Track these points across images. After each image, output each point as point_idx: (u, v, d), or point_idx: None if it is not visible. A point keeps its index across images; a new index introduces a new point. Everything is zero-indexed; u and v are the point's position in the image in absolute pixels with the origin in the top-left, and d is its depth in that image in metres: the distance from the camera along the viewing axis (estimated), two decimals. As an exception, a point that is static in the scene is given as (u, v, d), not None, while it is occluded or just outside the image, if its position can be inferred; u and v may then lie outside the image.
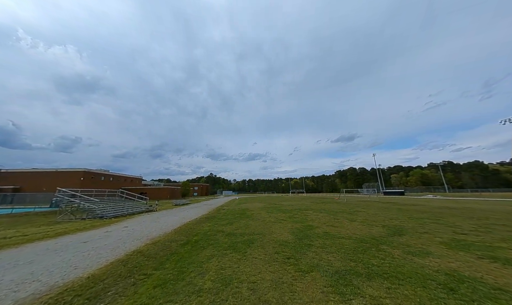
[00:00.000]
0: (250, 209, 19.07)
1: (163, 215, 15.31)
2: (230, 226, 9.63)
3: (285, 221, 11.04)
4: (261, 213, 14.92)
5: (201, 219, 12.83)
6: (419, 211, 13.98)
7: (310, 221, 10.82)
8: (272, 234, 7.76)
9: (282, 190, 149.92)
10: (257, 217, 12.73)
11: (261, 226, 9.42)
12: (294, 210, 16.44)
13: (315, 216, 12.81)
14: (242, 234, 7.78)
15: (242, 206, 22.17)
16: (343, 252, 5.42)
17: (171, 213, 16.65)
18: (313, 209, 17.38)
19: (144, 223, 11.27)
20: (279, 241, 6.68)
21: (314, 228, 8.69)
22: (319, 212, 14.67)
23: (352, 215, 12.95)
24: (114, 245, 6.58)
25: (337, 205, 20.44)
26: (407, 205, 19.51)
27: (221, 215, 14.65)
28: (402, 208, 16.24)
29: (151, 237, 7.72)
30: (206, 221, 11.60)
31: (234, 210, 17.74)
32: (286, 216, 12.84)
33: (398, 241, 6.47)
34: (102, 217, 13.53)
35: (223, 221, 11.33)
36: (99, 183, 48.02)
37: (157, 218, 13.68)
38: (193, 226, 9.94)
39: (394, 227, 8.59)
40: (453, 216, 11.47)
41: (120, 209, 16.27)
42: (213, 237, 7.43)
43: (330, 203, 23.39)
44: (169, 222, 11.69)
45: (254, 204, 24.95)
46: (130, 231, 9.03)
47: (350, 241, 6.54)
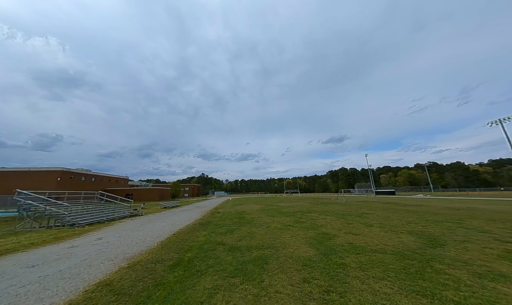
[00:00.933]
0: (247, 211, 17.45)
1: (149, 221, 13.26)
2: (231, 236, 7.97)
3: (293, 227, 9.57)
4: (261, 217, 13.37)
5: (194, 225, 11.02)
6: (430, 213, 13.14)
7: (322, 227, 9.43)
8: (287, 247, 6.23)
9: (275, 190, 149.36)
10: (259, 222, 11.15)
11: (268, 236, 7.86)
12: (296, 213, 15.07)
13: (324, 220, 11.48)
14: (249, 248, 6.17)
15: (238, 209, 20.49)
16: (393, 276, 4.01)
17: (158, 218, 14.61)
18: (316, 211, 16.12)
19: (124, 233, 9.28)
20: (299, 258, 5.16)
21: (333, 237, 7.28)
22: (325, 215, 13.39)
23: (363, 218, 11.78)
24: (74, 272, 4.70)
25: (340, 207, 19.38)
26: (409, 205, 18.87)
27: (217, 220, 12.91)
28: (409, 210, 15.42)
29: (129, 255, 5.88)
30: (200, 229, 9.83)
31: (230, 214, 16.03)
32: (292, 221, 11.39)
33: (446, 255, 5.20)
34: (73, 224, 11.28)
35: (221, 228, 9.63)
36: (79, 184, 44.07)
37: (141, 225, 11.66)
38: (185, 236, 8.16)
39: (423, 235, 7.40)
40: (473, 218, 10.63)
41: (98, 214, 13.97)
42: (212, 254, 5.76)
43: (330, 205, 22.35)
44: (156, 230, 9.78)
45: (251, 206, 23.34)
46: (104, 245, 7.08)
47: (389, 256, 5.17)
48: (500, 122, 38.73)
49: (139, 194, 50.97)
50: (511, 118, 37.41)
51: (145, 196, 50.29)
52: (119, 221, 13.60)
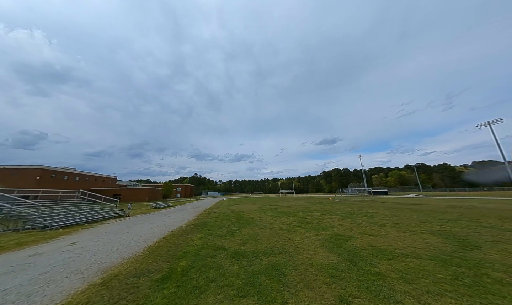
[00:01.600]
0: (245, 211, 16.35)
1: (136, 222, 11.84)
2: (232, 239, 6.87)
3: (300, 227, 8.60)
4: (262, 217, 12.33)
5: (188, 226, 9.80)
6: (436, 212, 12.66)
7: (331, 227, 8.54)
8: (301, 251, 5.23)
9: (269, 191, 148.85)
10: (260, 223, 10.10)
11: (275, 238, 6.83)
12: (298, 212, 14.16)
13: (330, 219, 10.62)
14: (256, 254, 5.11)
15: (235, 208, 19.33)
16: (452, 291, 3.11)
17: (147, 219, 13.18)
18: (318, 210, 15.31)
19: (104, 236, 7.91)
20: (322, 267, 4.18)
21: (349, 239, 6.37)
22: (329, 214, 12.57)
23: (370, 217, 11.05)
24: (23, 292, 3.44)
25: (340, 206, 18.73)
26: (409, 204, 18.54)
27: (213, 220, 11.72)
28: (412, 208, 14.95)
29: (106, 265, 4.64)
30: (195, 230, 8.64)
31: (227, 214, 14.86)
32: (296, 221, 10.44)
33: (491, 259, 4.41)
34: (45, 227, 9.71)
35: (220, 230, 8.49)
36: (62, 183, 41.06)
37: (126, 227, 10.26)
38: (178, 240, 6.96)
39: (447, 235, 6.66)
40: (485, 216, 10.15)
41: (77, 216, 12.35)
42: (212, 262, 4.65)
43: (330, 204, 21.69)
44: (143, 233, 8.48)
45: (247, 206, 22.24)
46: (76, 252, 5.76)
47: (428, 262, 4.30)
48: (488, 124, 40.21)
49: (127, 194, 48.35)
50: (499, 120, 38.94)
51: (134, 197, 47.78)
52: (102, 222, 12.07)
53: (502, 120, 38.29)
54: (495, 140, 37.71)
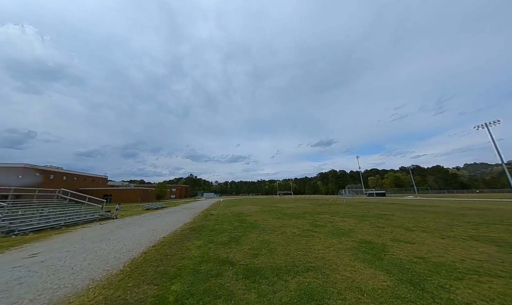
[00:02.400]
0: (246, 213, 15.00)
1: (123, 225, 10.29)
2: (238, 248, 5.53)
3: (316, 232, 7.36)
4: (266, 219, 11.02)
5: (183, 231, 8.37)
6: (456, 214, 11.72)
7: (352, 232, 7.33)
8: (335, 267, 3.96)
9: (266, 192, 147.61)
10: (267, 226, 8.79)
11: (292, 246, 5.55)
12: (304, 215, 12.94)
13: (344, 222, 9.43)
14: (276, 271, 3.80)
15: (234, 210, 17.93)
16: None
17: (137, 222, 11.63)
18: (325, 212, 14.15)
19: (78, 245, 6.40)
20: (378, 294, 2.92)
21: (385, 248, 5.16)
22: (341, 217, 11.40)
23: (389, 220, 9.94)
24: None
25: (346, 207, 17.65)
26: (419, 206, 17.68)
27: (212, 223, 10.33)
28: (426, 210, 14.01)
29: (63, 293, 3.21)
30: (192, 236, 7.24)
31: (226, 216, 13.47)
32: (307, 224, 9.19)
33: None
34: (11, 231, 8.07)
35: (222, 235, 7.12)
36: (47, 182, 38.50)
37: (110, 231, 8.72)
38: (171, 250, 5.56)
39: (495, 241, 5.57)
40: None
41: (54, 218, 10.68)
42: (218, 285, 3.32)
43: (334, 205, 20.61)
44: (129, 240, 7.01)
45: (247, 207, 20.88)
46: (31, 270, 4.27)
47: None
48: (486, 126, 40.47)
49: (119, 195, 46.00)
50: (496, 122, 39.24)
51: (126, 197, 45.48)
52: (83, 226, 10.45)
53: (499, 122, 38.56)
54: (492, 141, 37.88)
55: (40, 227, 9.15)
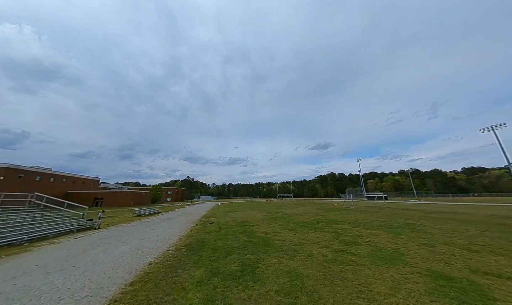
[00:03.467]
0: (250, 221, 13.12)
1: (102, 241, 8.28)
2: (257, 289, 3.67)
3: (353, 255, 5.56)
4: (278, 231, 9.16)
5: (177, 251, 6.45)
6: (494, 224, 10.10)
7: (402, 255, 5.56)
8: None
9: (264, 195, 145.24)
10: (283, 243, 6.94)
11: (339, 286, 3.72)
12: (319, 224, 11.15)
13: (377, 237, 7.66)
14: None
15: (236, 217, 16.00)
16: None
17: (121, 235, 9.62)
18: (341, 220, 12.38)
19: (21, 280, 4.44)
20: None
21: (483, 291, 3.41)
22: (366, 228, 9.64)
23: (425, 233, 8.22)
24: None
25: (361, 214, 15.94)
26: (440, 213, 16.11)
27: (213, 237, 8.41)
28: (453, 218, 12.40)
29: None
30: (189, 261, 5.35)
31: (229, 225, 11.55)
32: (332, 239, 7.39)
33: None
34: None
35: (228, 261, 5.25)
36: (32, 185, 35.81)
37: (82, 251, 6.72)
38: (157, 292, 3.68)
39: None
40: None
41: (16, 230, 8.58)
42: None
43: (345, 211, 18.87)
44: (99, 268, 5.06)
45: (249, 213, 18.95)
46: None
47: None
48: (492, 129, 39.71)
49: (110, 198, 43.44)
50: (502, 125, 38.50)
51: (118, 201, 42.92)
52: (52, 241, 8.40)
53: (505, 125, 37.82)
54: (498, 144, 36.99)
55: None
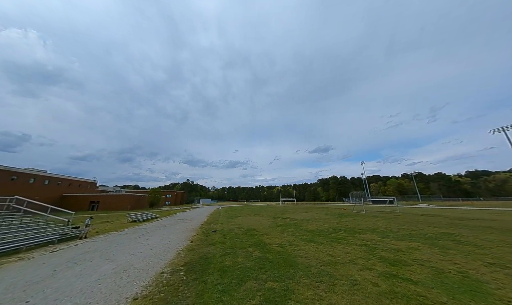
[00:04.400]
0: (258, 229, 11.58)
1: (82, 257, 6.77)
2: None
3: (408, 281, 4.07)
4: (296, 244, 7.64)
5: (174, 274, 4.94)
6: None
7: (483, 285, 4.07)
8: None
9: (264, 198, 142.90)
10: (308, 261, 5.44)
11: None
12: (339, 233, 9.62)
13: (421, 252, 6.16)
14: None
15: (240, 223, 14.44)
16: None
17: (108, 248, 8.10)
18: (363, 229, 10.85)
19: None
20: None
21: None
22: (397, 238, 8.12)
23: (478, 248, 6.71)
24: None
25: (380, 221, 14.38)
26: (469, 220, 14.57)
27: (218, 251, 6.89)
28: (493, 227, 10.87)
29: None
30: (189, 290, 3.86)
31: (235, 234, 10.01)
32: (369, 255, 5.88)
33: None
34: None
35: (243, 290, 3.75)
36: (25, 187, 34.34)
37: (51, 273, 5.20)
38: None
39: None
40: None
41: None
42: None
43: (360, 217, 17.30)
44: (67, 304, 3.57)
45: (254, 219, 17.37)
46: None
47: None
48: (503, 130, 38.40)
49: (107, 201, 41.79)
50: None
51: (115, 204, 41.26)
52: (22, 256, 6.88)
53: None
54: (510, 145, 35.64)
55: None
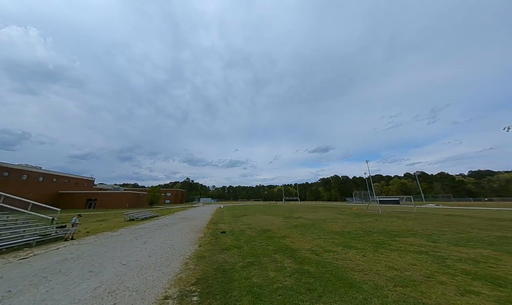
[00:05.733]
0: (274, 230, 10.02)
1: (58, 268, 5.18)
2: None
3: None
4: (334, 250, 6.09)
5: (183, 301, 3.38)
6: None
7: None
8: None
9: (265, 198, 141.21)
10: (378, 282, 3.88)
11: None
12: (372, 235, 8.06)
13: (508, 265, 4.62)
14: None
15: (249, 223, 12.86)
16: None
17: (97, 253, 6.51)
18: (398, 231, 9.29)
19: None
20: None
21: None
22: (460, 245, 6.57)
23: None
24: None
25: (408, 222, 12.83)
26: (499, 220, 13.02)
27: (237, 259, 5.31)
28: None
29: None
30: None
31: (248, 236, 8.43)
32: (441, 266, 4.33)
33: None
34: None
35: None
36: (18, 184, 32.65)
37: (6, 293, 3.65)
38: None
39: None
40: None
41: None
42: None
43: (383, 218, 15.74)
44: None
45: (263, 218, 15.79)
46: None
47: None
48: (518, 127, 36.87)
49: (105, 199, 40.13)
50: (530, 123, 35.57)
51: (113, 202, 39.62)
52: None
53: (532, 124, 34.94)
54: (526, 144, 33.99)
55: None
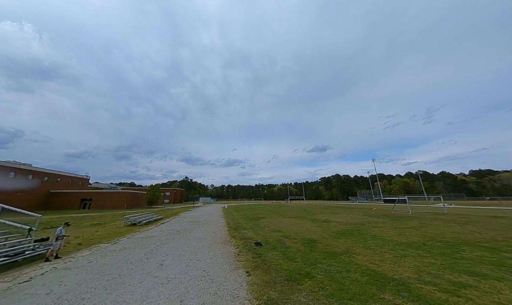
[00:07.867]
0: (319, 240, 7.82)
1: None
2: None
3: None
4: (449, 278, 3.95)
5: None
6: None
7: None
8: None
9: (265, 197, 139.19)
10: None
11: None
12: (461, 246, 5.96)
13: None
14: None
15: (276, 228, 10.63)
16: None
17: (89, 288, 4.23)
18: (462, 240, 7.21)
19: None
20: None
21: None
22: None
23: None
24: None
25: (459, 228, 10.80)
26: None
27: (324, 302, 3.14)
28: None
29: None
30: None
31: (297, 249, 6.23)
32: None
33: None
34: None
35: None
36: (5, 183, 29.69)
37: None
38: None
39: None
40: None
41: None
42: None
43: (423, 221, 13.71)
44: None
45: (286, 222, 13.60)
46: None
47: None
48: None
49: (101, 199, 37.35)
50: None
51: (110, 203, 36.88)
52: None
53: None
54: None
55: None
